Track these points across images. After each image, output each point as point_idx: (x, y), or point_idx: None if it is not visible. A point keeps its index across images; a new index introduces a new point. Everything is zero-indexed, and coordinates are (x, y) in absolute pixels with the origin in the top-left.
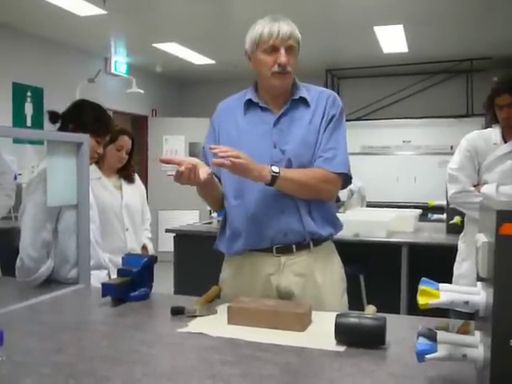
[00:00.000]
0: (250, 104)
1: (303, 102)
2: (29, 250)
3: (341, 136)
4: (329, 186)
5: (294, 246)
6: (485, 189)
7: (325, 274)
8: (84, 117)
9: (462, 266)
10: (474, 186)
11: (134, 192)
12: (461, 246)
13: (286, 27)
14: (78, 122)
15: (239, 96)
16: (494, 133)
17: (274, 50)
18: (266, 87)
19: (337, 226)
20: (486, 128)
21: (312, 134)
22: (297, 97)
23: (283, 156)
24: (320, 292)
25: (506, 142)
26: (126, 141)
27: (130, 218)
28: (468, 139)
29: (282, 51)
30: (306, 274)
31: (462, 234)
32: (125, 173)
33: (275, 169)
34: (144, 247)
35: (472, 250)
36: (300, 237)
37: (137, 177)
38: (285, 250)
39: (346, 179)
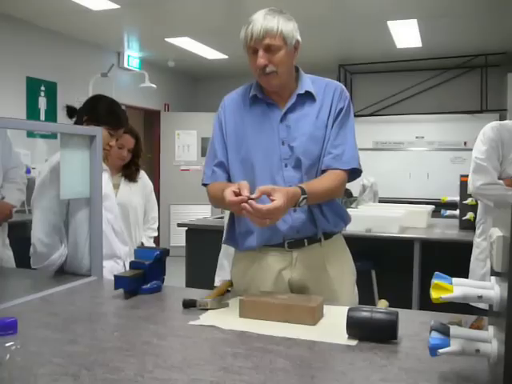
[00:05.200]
0: (255, 99)
1: (309, 95)
2: (40, 235)
3: (349, 129)
4: (342, 187)
5: (305, 241)
6: None
7: (336, 267)
8: (98, 108)
9: (487, 264)
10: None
11: (135, 191)
12: (481, 243)
13: (258, 26)
14: (91, 113)
15: (244, 90)
16: None
17: (254, 51)
18: None
19: (346, 219)
20: None
21: (320, 129)
22: (302, 91)
23: (292, 153)
24: (333, 284)
25: None
26: (127, 139)
27: (123, 217)
28: (493, 128)
29: (260, 53)
30: (319, 267)
31: (479, 231)
32: (127, 171)
33: (302, 202)
34: (142, 245)
35: None
36: (312, 232)
37: (143, 175)
38: (297, 244)
39: (354, 171)
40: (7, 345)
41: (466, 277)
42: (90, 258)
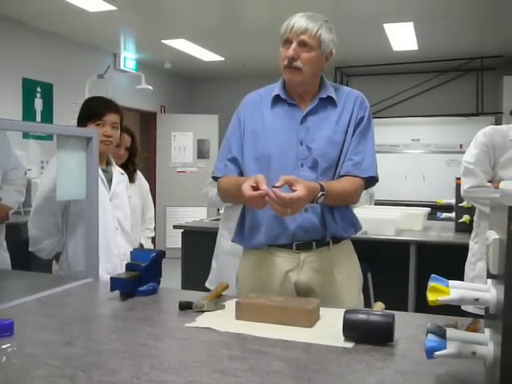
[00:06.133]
0: (277, 99)
1: (331, 101)
2: (34, 218)
3: (369, 139)
4: (358, 193)
5: (314, 243)
6: (504, 185)
7: (343, 272)
8: (81, 109)
9: (477, 267)
10: (489, 182)
11: (133, 192)
12: (473, 246)
13: (302, 22)
14: (78, 117)
15: (267, 90)
16: None
17: (287, 43)
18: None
19: (357, 226)
20: None
21: (339, 134)
22: (324, 95)
23: (309, 154)
24: (339, 289)
25: None
26: (123, 138)
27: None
28: (485, 133)
29: (293, 45)
30: (325, 271)
31: (473, 235)
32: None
33: (320, 199)
34: (141, 246)
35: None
36: (320, 235)
37: (140, 175)
38: (305, 246)
39: (371, 179)
40: (3, 347)
41: (462, 279)
42: (85, 259)
